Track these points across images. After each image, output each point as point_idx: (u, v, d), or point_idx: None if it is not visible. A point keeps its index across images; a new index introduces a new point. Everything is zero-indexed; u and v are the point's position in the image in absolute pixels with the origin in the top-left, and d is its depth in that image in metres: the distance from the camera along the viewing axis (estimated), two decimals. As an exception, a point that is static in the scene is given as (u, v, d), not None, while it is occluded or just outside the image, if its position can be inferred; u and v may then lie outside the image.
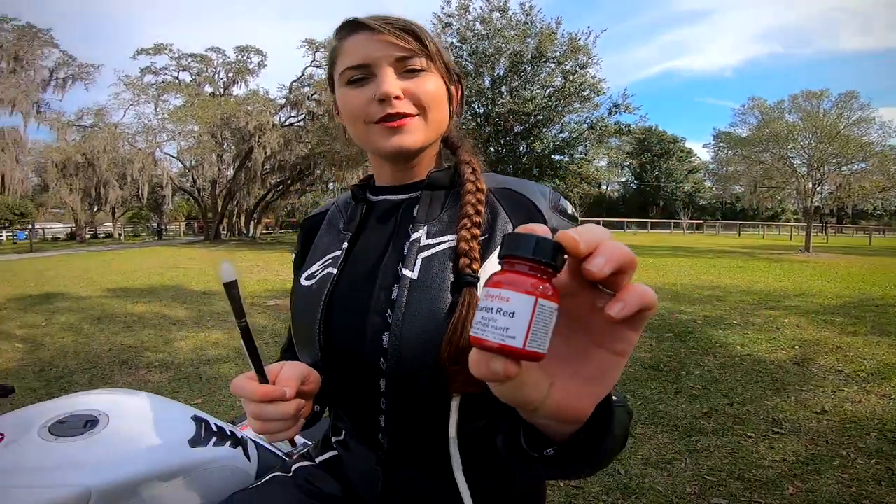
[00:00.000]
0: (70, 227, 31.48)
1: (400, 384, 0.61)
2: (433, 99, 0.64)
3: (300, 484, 0.77)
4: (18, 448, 0.83)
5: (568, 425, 0.39)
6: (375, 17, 0.63)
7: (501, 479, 0.68)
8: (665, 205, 46.76)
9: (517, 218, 0.64)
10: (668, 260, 12.44)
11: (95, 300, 6.71)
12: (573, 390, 0.34)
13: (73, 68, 17.29)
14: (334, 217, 0.77)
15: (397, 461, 0.67)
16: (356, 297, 0.65)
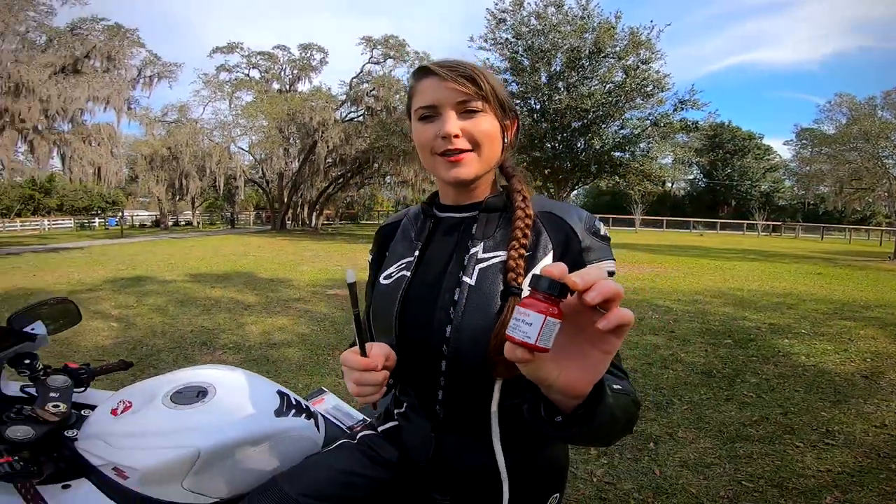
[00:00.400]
0: (155, 215, 34.44)
1: (456, 367, 0.77)
2: (486, 137, 0.78)
3: (363, 449, 0.96)
4: (145, 414, 1.06)
5: (572, 400, 0.54)
6: (442, 64, 0.78)
7: (531, 453, 0.84)
8: (738, 204, 43.82)
9: (556, 238, 0.77)
10: (737, 263, 11.78)
11: (178, 284, 7.42)
12: (574, 375, 0.51)
13: (157, 67, 18.23)
14: (407, 228, 0.93)
15: (448, 429, 0.84)
16: (426, 296, 0.81)
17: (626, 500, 1.96)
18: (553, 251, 0.77)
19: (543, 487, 0.88)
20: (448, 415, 0.83)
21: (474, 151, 0.78)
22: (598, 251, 0.78)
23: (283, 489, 0.92)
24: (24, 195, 34.55)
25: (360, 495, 0.94)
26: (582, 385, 0.51)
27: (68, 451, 1.09)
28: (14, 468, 0.92)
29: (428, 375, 0.81)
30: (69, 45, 13.84)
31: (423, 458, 0.90)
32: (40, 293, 6.66)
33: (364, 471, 0.94)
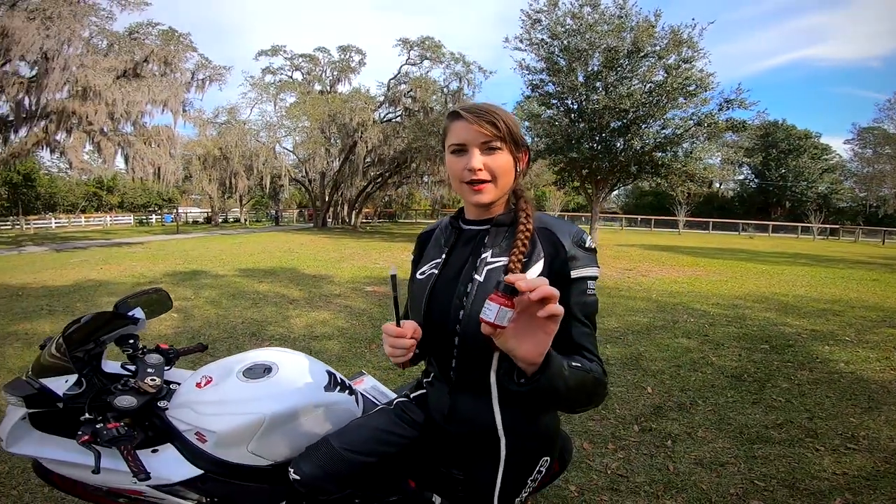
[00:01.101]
0: (206, 213, 36.27)
1: (465, 342, 1.01)
2: (502, 170, 0.99)
3: (396, 412, 1.25)
4: (223, 387, 1.33)
5: (530, 367, 0.81)
6: (470, 110, 0.98)
7: (524, 416, 1.08)
8: (792, 206, 41.57)
9: (547, 249, 0.98)
10: (786, 268, 11.34)
11: (230, 278, 7.95)
12: (528, 348, 0.78)
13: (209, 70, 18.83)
14: (438, 235, 1.17)
15: (460, 390, 1.10)
16: (447, 288, 1.04)
17: (637, 492, 2.09)
18: (544, 259, 0.97)
19: (535, 449, 1.11)
20: (459, 379, 1.08)
21: (492, 182, 0.99)
22: (581, 260, 0.97)
23: (332, 443, 1.18)
24: (89, 192, 37.13)
25: (393, 451, 1.20)
26: (533, 355, 0.78)
27: (158, 420, 1.36)
28: (119, 433, 1.18)
29: (445, 348, 1.06)
30: (129, 50, 14.76)
31: (441, 417, 1.15)
32: (108, 284, 7.31)
33: (396, 430, 1.21)
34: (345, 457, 1.16)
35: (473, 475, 1.15)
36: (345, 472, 1.16)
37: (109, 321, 1.38)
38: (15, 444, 1.32)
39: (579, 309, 0.95)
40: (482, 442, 1.11)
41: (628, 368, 3.72)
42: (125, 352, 1.41)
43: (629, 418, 2.83)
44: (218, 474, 1.32)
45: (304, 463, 1.17)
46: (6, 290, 6.83)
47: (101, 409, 1.26)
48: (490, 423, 1.07)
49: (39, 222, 28.19)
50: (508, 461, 1.09)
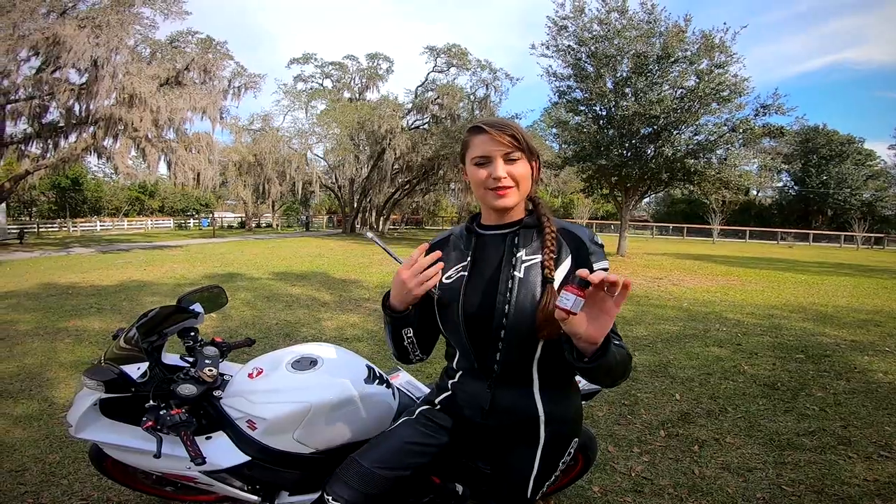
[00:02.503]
0: (240, 217, 37.42)
1: (511, 334, 1.08)
2: (523, 177, 1.10)
3: (421, 421, 1.28)
4: (273, 377, 1.44)
5: (591, 346, 0.92)
6: (492, 124, 1.09)
7: (559, 402, 1.17)
8: (834, 214, 39.85)
9: (572, 246, 1.10)
10: (827, 278, 10.92)
11: (264, 281, 8.23)
12: (593, 329, 0.89)
13: (244, 78, 19.32)
14: (456, 242, 1.24)
15: (501, 382, 1.16)
16: (483, 287, 1.12)
17: (661, 494, 2.10)
18: (571, 255, 1.09)
19: (568, 432, 1.19)
20: (502, 371, 1.15)
21: (515, 187, 1.10)
22: (598, 254, 1.10)
23: (361, 463, 1.20)
24: (132, 197, 38.86)
25: (425, 461, 1.24)
26: (598, 335, 0.90)
27: (212, 409, 1.48)
28: (181, 419, 1.30)
29: (488, 343, 1.13)
30: (171, 58, 15.35)
31: (478, 413, 1.20)
32: (151, 285, 7.69)
33: (424, 439, 1.25)
34: (378, 474, 1.16)
35: (507, 465, 1.20)
36: (380, 490, 1.16)
37: (173, 314, 1.51)
38: (83, 430, 1.45)
39: None
40: (521, 431, 1.18)
41: (656, 376, 3.70)
42: (185, 344, 1.54)
43: (655, 423, 2.83)
44: (264, 461, 1.43)
45: (338, 488, 1.16)
46: (56, 288, 7.27)
47: (164, 396, 1.38)
48: (532, 412, 1.15)
49: (85, 225, 29.61)
50: (546, 446, 1.17)
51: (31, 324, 5.03)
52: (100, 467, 1.77)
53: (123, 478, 1.84)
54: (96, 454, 1.74)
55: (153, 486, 1.89)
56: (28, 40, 11.65)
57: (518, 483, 1.18)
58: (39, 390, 3.20)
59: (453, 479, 1.56)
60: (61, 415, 2.80)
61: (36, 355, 3.96)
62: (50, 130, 14.28)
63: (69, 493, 2.06)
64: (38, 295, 6.71)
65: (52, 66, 12.52)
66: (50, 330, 4.78)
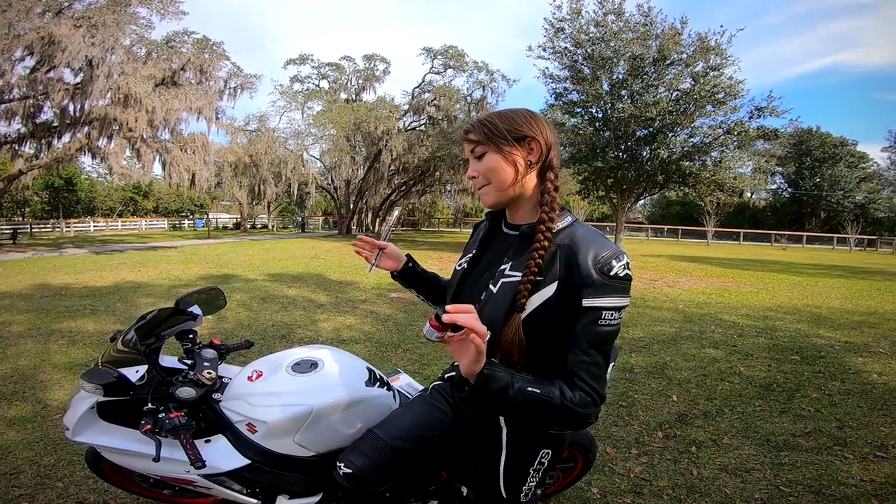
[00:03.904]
0: (235, 218, 37.28)
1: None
2: (491, 171, 1.00)
3: (433, 396, 1.34)
4: (274, 380, 1.43)
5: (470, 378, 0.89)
6: (463, 129, 1.08)
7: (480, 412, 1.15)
8: (827, 217, 40.15)
9: (563, 271, 0.93)
10: (821, 280, 11.00)
11: (260, 283, 8.18)
12: (464, 363, 0.87)
13: (240, 78, 19.22)
14: (477, 230, 1.23)
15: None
16: (470, 289, 1.11)
17: (660, 495, 2.11)
18: (558, 281, 0.93)
19: (534, 440, 1.14)
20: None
21: (489, 184, 1.02)
22: (600, 288, 0.90)
23: (378, 434, 1.25)
24: (126, 197, 38.63)
25: (435, 435, 1.27)
26: (467, 370, 0.88)
27: (211, 412, 1.46)
28: (180, 422, 1.28)
29: None
30: (166, 58, 15.27)
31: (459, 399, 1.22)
32: (146, 286, 7.64)
33: (436, 413, 1.29)
34: (392, 445, 1.22)
35: (484, 465, 1.21)
36: (392, 461, 1.22)
37: (171, 316, 1.50)
38: (81, 433, 1.43)
39: (584, 337, 0.91)
40: (489, 430, 1.17)
41: (653, 377, 3.71)
42: (184, 346, 1.53)
43: (653, 425, 2.83)
44: (264, 464, 1.41)
45: (353, 456, 1.21)
46: (50, 289, 7.20)
47: (162, 399, 1.36)
48: (493, 419, 1.14)
49: (79, 226, 29.38)
50: (510, 450, 1.14)
51: (24, 325, 4.98)
52: (96, 470, 1.75)
53: (120, 481, 1.82)
54: (93, 457, 1.71)
55: (150, 490, 1.87)
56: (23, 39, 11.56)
57: (492, 487, 1.19)
58: (33, 392, 3.17)
59: (460, 480, 1.56)
60: (56, 417, 2.77)
61: (29, 357, 3.92)
62: (44, 130, 14.18)
63: (64, 495, 2.04)
64: (31, 296, 6.65)
65: (46, 66, 12.43)
66: (43, 331, 4.74)
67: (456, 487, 1.53)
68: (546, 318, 0.94)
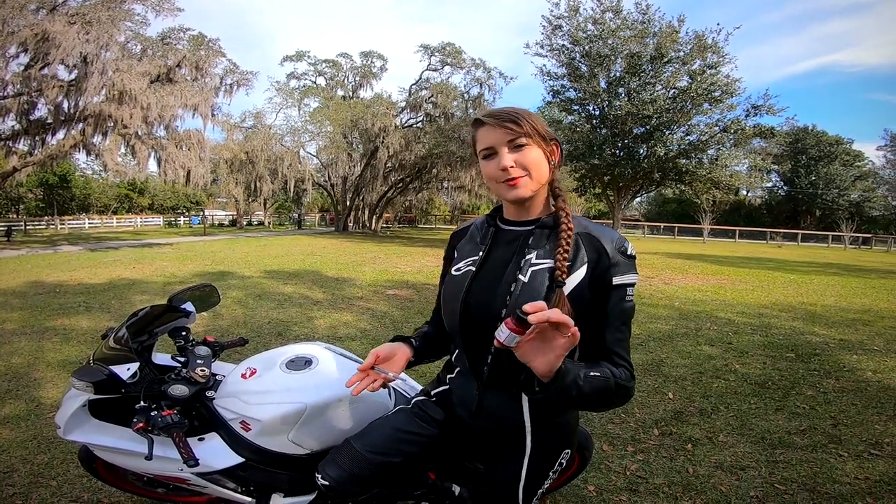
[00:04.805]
0: (232, 215, 37.13)
1: None
2: (533, 164, 1.01)
3: (415, 411, 1.28)
4: (267, 378, 1.41)
5: (544, 378, 0.88)
6: (491, 114, 1.03)
7: (549, 414, 1.12)
8: (822, 215, 40.37)
9: (590, 255, 1.00)
10: (815, 278, 11.06)
11: (255, 280, 8.15)
12: (541, 363, 0.86)
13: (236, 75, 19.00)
14: (474, 233, 1.19)
15: (490, 387, 1.13)
16: (487, 286, 1.06)
17: (656, 493, 2.11)
18: (587, 264, 0.99)
19: (558, 443, 1.16)
20: (491, 375, 1.11)
21: (527, 175, 1.02)
22: (622, 267, 1.00)
23: (354, 446, 1.22)
24: (121, 194, 38.41)
25: (414, 450, 1.24)
26: (544, 371, 0.87)
27: (205, 410, 1.45)
28: (172, 420, 1.26)
29: (481, 344, 1.09)
30: (162, 55, 15.13)
31: (467, 412, 1.18)
32: (141, 283, 7.60)
33: (416, 429, 1.25)
34: (368, 458, 1.19)
35: (498, 469, 1.19)
36: (369, 474, 1.19)
37: (164, 313, 1.48)
38: (72, 431, 1.41)
39: (617, 315, 0.99)
40: (507, 437, 1.15)
41: (649, 374, 3.72)
42: (177, 343, 1.51)
43: (649, 422, 2.84)
44: (258, 462, 1.40)
45: (329, 468, 1.20)
46: (44, 287, 7.16)
47: (155, 397, 1.35)
48: (517, 420, 1.11)
49: (73, 222, 29.24)
50: (533, 455, 1.13)
51: (17, 323, 4.95)
52: (89, 468, 1.73)
53: (114, 479, 1.80)
54: (86, 455, 1.70)
55: (144, 488, 1.85)
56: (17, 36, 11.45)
57: (508, 490, 1.17)
58: (27, 390, 3.15)
59: (451, 478, 1.55)
60: (49, 415, 2.75)
61: (23, 355, 3.90)
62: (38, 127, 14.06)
63: (58, 494, 2.03)
64: (25, 293, 6.60)
65: (40, 63, 12.32)
66: (37, 329, 4.71)
67: (446, 487, 1.52)
68: (578, 300, 0.98)
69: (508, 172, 1.00)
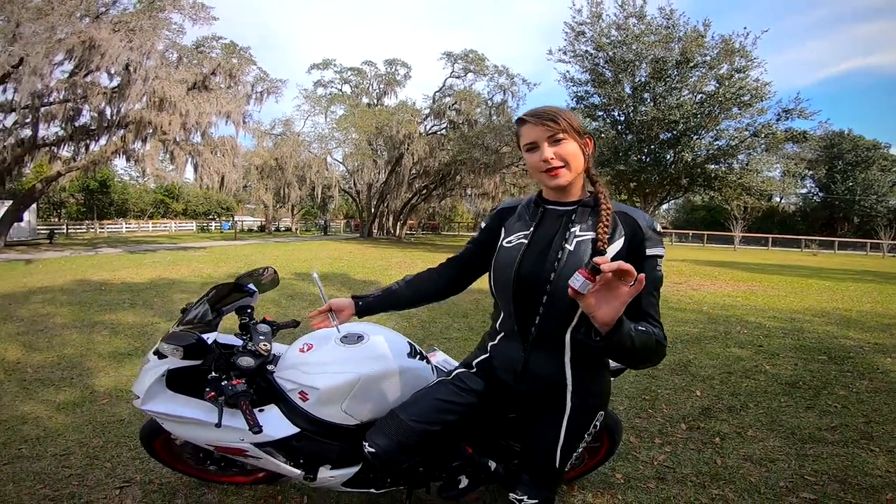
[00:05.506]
0: (260, 221, 38.07)
1: (552, 300, 1.18)
2: (571, 156, 1.18)
3: (455, 382, 1.41)
4: (324, 351, 1.54)
5: (604, 327, 0.98)
6: (533, 114, 1.21)
7: (588, 374, 1.26)
8: (861, 222, 38.84)
9: (627, 229, 1.16)
10: (851, 284, 10.70)
11: (287, 281, 8.39)
12: (605, 311, 0.96)
13: (266, 83, 19.60)
14: (522, 212, 1.34)
15: (536, 346, 1.25)
16: (537, 255, 1.22)
17: (684, 482, 2.15)
18: (624, 237, 1.15)
19: (595, 404, 1.27)
20: (538, 335, 1.24)
21: (566, 167, 1.19)
22: (653, 240, 1.15)
23: (399, 416, 1.37)
24: (157, 200, 39.83)
25: (453, 419, 1.37)
26: (607, 318, 0.97)
27: (265, 383, 1.58)
28: (241, 389, 1.39)
29: (530, 307, 1.23)
30: (197, 63, 15.70)
31: (511, 376, 1.30)
32: (180, 283, 7.93)
33: (456, 398, 1.38)
34: (412, 427, 1.33)
35: (537, 431, 1.30)
36: (412, 442, 1.33)
37: (231, 292, 1.63)
38: (149, 401, 1.54)
39: (650, 282, 1.12)
40: (548, 399, 1.26)
41: (676, 374, 3.73)
42: (241, 320, 1.66)
43: (676, 417, 2.87)
44: (312, 433, 1.52)
45: (376, 437, 1.34)
46: (89, 285, 7.54)
47: (223, 370, 1.48)
48: (560, 380, 1.24)
49: (112, 227, 30.43)
50: (572, 416, 1.25)
51: (67, 317, 5.25)
52: (148, 447, 1.87)
53: (169, 458, 1.94)
54: (147, 434, 1.84)
55: (195, 467, 1.99)
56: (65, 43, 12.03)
57: (546, 453, 1.27)
58: (80, 379, 3.33)
59: (487, 455, 1.64)
60: (103, 402, 2.91)
61: (75, 346, 4.13)
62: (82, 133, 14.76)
63: (112, 475, 2.13)
64: (72, 290, 6.98)
65: (84, 70, 12.94)
66: (87, 323, 4.99)
67: (483, 462, 1.62)
68: None
69: (549, 163, 1.17)
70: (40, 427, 2.57)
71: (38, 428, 2.56)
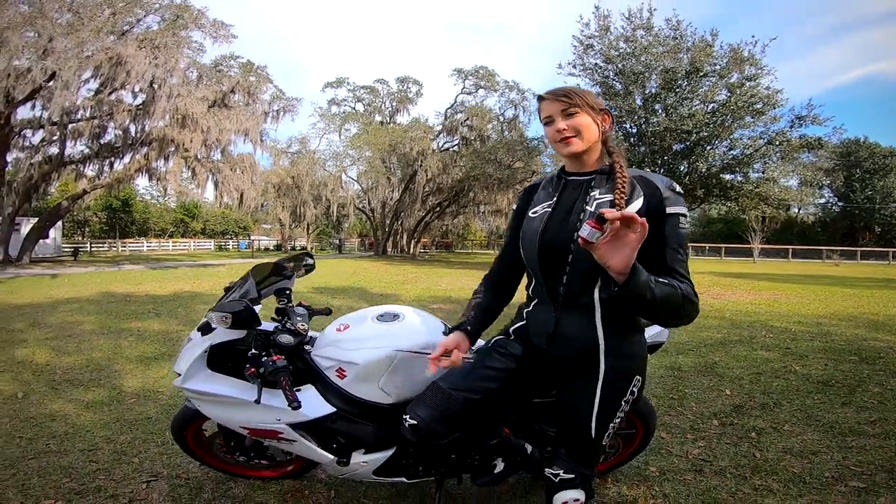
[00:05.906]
0: (276, 240, 38.55)
1: (577, 261, 1.22)
2: (583, 126, 1.24)
3: (494, 348, 1.43)
4: (361, 329, 1.57)
5: (620, 276, 1.01)
6: (550, 92, 1.28)
7: (622, 336, 1.26)
8: (883, 231, 37.99)
9: (646, 190, 1.19)
10: (875, 292, 10.47)
11: (305, 294, 8.48)
12: (618, 260, 0.99)
13: (282, 101, 19.77)
14: (546, 185, 1.39)
15: (566, 307, 1.27)
16: (561, 221, 1.27)
17: (722, 474, 2.10)
18: (643, 198, 1.19)
19: (630, 367, 1.28)
20: (567, 296, 1.26)
21: (577, 136, 1.25)
22: (674, 199, 1.18)
23: (440, 385, 1.38)
24: (177, 219, 40.66)
25: (495, 386, 1.37)
26: (621, 266, 0.99)
27: (302, 363, 1.60)
28: (281, 365, 1.42)
29: (557, 268, 1.26)
30: (216, 81, 15.99)
31: (544, 339, 1.32)
32: (202, 295, 8.06)
33: (495, 364, 1.39)
34: (453, 396, 1.33)
35: (570, 397, 1.31)
36: (454, 412, 1.33)
37: (270, 274, 1.68)
38: (189, 380, 1.57)
39: (674, 237, 1.16)
40: (582, 362, 1.27)
41: (703, 375, 3.66)
42: (280, 302, 1.70)
43: (707, 414, 2.81)
44: (347, 413, 1.53)
45: (418, 408, 1.36)
46: (115, 296, 7.71)
47: (262, 347, 1.51)
48: (592, 341, 1.24)
49: (133, 245, 31.07)
50: (606, 380, 1.25)
51: (94, 325, 5.36)
52: (179, 439, 1.88)
53: (198, 450, 1.95)
54: (178, 423, 1.86)
55: (223, 459, 2.00)
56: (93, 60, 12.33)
57: (582, 422, 1.27)
58: (108, 380, 3.39)
59: (524, 437, 1.63)
60: (131, 401, 2.95)
61: (102, 350, 4.22)
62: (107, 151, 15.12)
63: (139, 470, 2.13)
64: (98, 301, 7.14)
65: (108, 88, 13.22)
66: (113, 330, 5.09)
67: (519, 444, 1.61)
68: None
69: (562, 133, 1.24)
70: (68, 424, 2.61)
71: (66, 425, 2.59)
